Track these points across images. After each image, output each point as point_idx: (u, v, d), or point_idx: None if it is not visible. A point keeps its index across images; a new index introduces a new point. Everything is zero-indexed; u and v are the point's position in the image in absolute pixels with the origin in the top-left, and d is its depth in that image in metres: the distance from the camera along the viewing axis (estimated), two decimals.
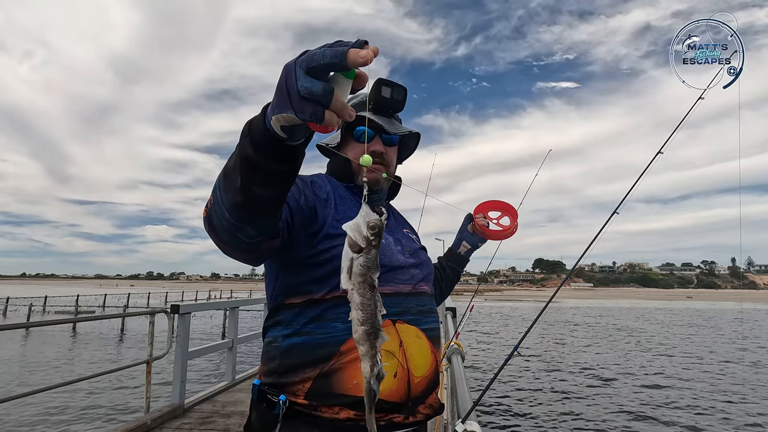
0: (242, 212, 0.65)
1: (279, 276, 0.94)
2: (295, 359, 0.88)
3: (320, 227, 0.92)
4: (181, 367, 3.83)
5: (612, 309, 42.20)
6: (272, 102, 0.54)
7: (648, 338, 19.66)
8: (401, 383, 0.88)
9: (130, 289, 57.96)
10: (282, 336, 0.91)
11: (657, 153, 1.58)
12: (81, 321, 15.41)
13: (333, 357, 0.86)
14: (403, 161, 1.22)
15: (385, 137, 1.07)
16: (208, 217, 0.70)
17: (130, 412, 7.17)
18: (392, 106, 1.08)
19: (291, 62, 0.51)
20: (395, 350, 0.89)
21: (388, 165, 1.08)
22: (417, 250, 1.12)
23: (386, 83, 1.05)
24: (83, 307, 26.94)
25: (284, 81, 0.51)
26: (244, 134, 0.59)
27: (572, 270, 2.09)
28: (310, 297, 0.90)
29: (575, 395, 9.47)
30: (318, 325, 0.88)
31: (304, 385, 0.86)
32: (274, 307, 0.96)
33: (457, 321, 4.10)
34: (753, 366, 13.29)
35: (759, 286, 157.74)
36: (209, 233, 0.72)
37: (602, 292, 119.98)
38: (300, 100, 0.49)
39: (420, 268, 1.06)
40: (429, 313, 1.03)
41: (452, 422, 1.52)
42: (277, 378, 0.89)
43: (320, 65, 0.48)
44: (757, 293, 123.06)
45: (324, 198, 0.97)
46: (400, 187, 1.21)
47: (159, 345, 3.95)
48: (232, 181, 0.62)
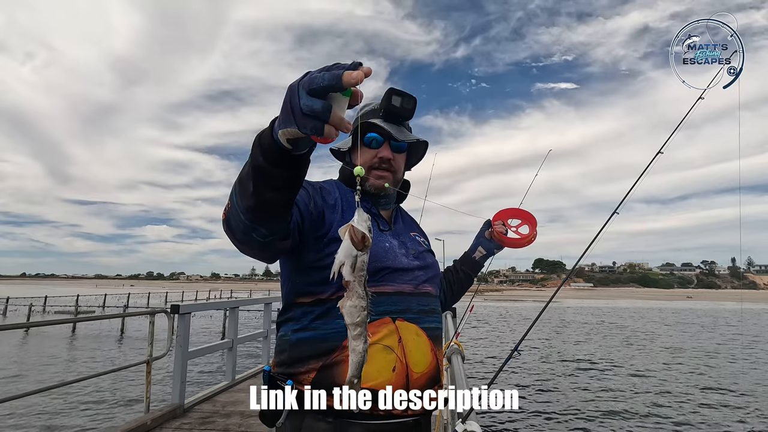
0: (255, 214, 0.73)
1: (290, 277, 1.02)
2: (302, 352, 0.95)
3: (327, 231, 0.98)
4: (181, 367, 3.83)
5: (612, 309, 42.18)
6: (279, 117, 0.63)
7: (648, 338, 19.66)
8: (399, 377, 0.93)
9: (130, 289, 57.98)
10: (292, 331, 0.99)
11: (657, 153, 1.58)
12: (81, 321, 15.42)
13: (336, 351, 0.92)
14: (411, 168, 1.27)
15: (393, 144, 1.12)
16: (226, 219, 0.79)
17: (130, 413, 7.17)
18: (402, 114, 1.13)
19: (294, 83, 0.59)
20: (394, 346, 0.94)
21: (396, 171, 1.14)
22: (422, 252, 1.15)
23: (397, 92, 1.10)
24: (83, 307, 26.96)
25: (288, 100, 0.59)
26: (255, 145, 0.68)
27: (572, 270, 2.09)
28: (318, 297, 0.97)
29: (575, 395, 9.47)
30: (324, 321, 0.95)
31: (309, 376, 0.92)
32: (286, 304, 1.03)
33: (457, 321, 4.10)
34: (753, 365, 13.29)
35: (759, 286, 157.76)
36: (227, 233, 0.81)
37: (602, 292, 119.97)
38: (303, 117, 0.57)
39: (424, 270, 1.10)
40: (431, 313, 1.06)
41: (452, 422, 1.52)
42: (286, 368, 0.97)
43: (320, 87, 0.56)
44: (757, 293, 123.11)
45: (332, 204, 1.03)
46: (408, 191, 1.26)
47: (159, 345, 3.95)
48: (245, 187, 0.71)
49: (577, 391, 9.80)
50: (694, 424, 7.75)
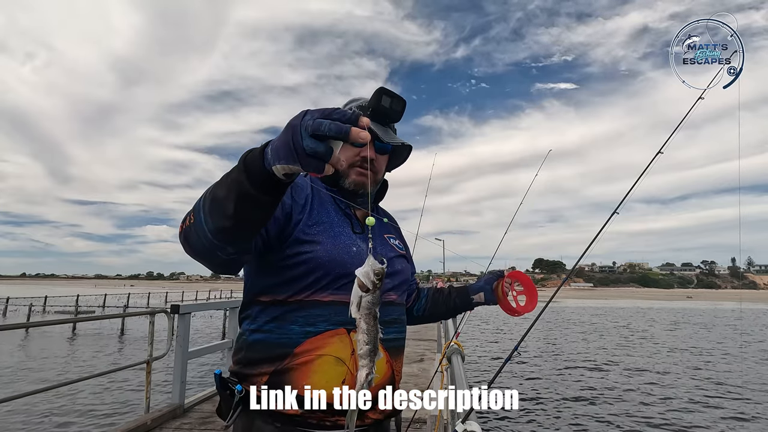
0: (228, 235, 0.73)
1: (251, 275, 1.00)
2: (257, 354, 0.95)
3: (291, 232, 0.96)
4: (181, 367, 3.83)
5: (612, 309, 42.14)
6: (275, 151, 0.63)
7: (647, 338, 19.66)
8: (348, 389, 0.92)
9: (130, 289, 57.96)
10: (249, 330, 0.98)
11: (657, 153, 1.58)
12: (81, 321, 15.43)
13: (287, 357, 0.91)
14: (391, 170, 1.24)
15: (378, 145, 1.08)
16: (184, 233, 0.78)
17: (130, 412, 7.17)
18: (390, 115, 1.10)
19: (296, 123, 0.60)
20: (346, 358, 0.92)
21: (377, 172, 1.12)
22: (392, 258, 1.12)
23: (387, 93, 1.07)
24: (83, 307, 26.91)
25: (290, 138, 0.60)
26: (240, 170, 0.68)
27: (572, 270, 2.09)
28: (275, 297, 0.96)
29: (575, 395, 9.47)
30: (277, 325, 0.94)
31: (262, 379, 0.92)
32: (245, 301, 1.01)
33: (457, 321, 4.10)
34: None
35: (759, 286, 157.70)
36: (184, 246, 0.80)
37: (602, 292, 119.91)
38: (306, 157, 0.59)
39: (391, 278, 1.06)
40: (392, 324, 1.03)
41: (452, 422, 1.52)
42: (241, 368, 0.96)
43: (324, 135, 0.58)
44: (757, 293, 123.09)
45: (301, 203, 1.00)
46: (387, 189, 1.23)
47: (159, 345, 3.95)
48: (223, 209, 0.70)
49: (577, 391, 9.80)
50: (694, 423, 7.74)
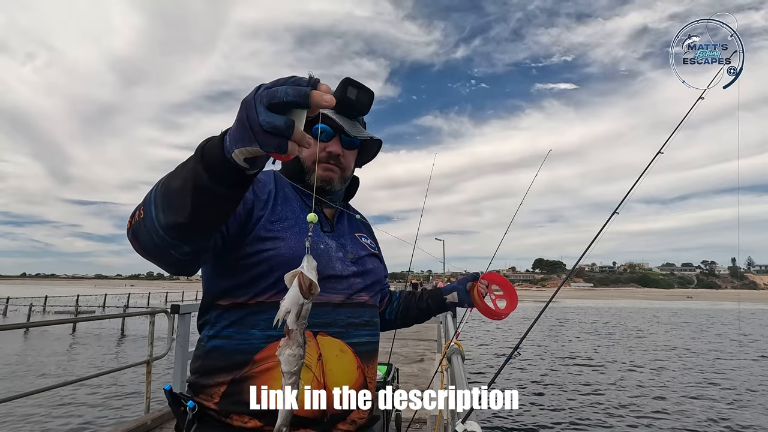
0: (183, 232, 0.65)
1: (209, 277, 0.92)
2: (214, 362, 0.87)
3: (252, 229, 0.89)
4: (181, 367, 3.82)
5: (612, 309, 42.14)
6: (232, 135, 0.55)
7: (647, 338, 19.66)
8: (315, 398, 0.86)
9: (130, 289, 57.95)
10: (207, 337, 0.90)
11: (657, 153, 1.58)
12: (81, 321, 15.42)
13: (247, 365, 0.84)
14: (361, 166, 1.17)
15: (344, 139, 1.01)
16: (133, 229, 0.69)
17: (130, 412, 7.17)
18: (356, 108, 1.03)
19: (250, 97, 0.53)
20: (312, 364, 0.86)
21: (344, 168, 1.04)
22: (363, 257, 1.05)
23: (353, 84, 1.00)
24: (83, 307, 26.91)
25: (245, 116, 0.52)
26: (196, 160, 0.60)
27: (572, 270, 2.09)
28: (234, 300, 0.88)
29: (575, 394, 9.47)
30: (237, 330, 0.87)
31: (219, 389, 0.85)
32: (204, 305, 0.93)
33: (457, 321, 4.10)
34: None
35: (759, 286, 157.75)
36: (133, 244, 0.71)
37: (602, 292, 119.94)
38: (264, 134, 0.51)
39: (362, 277, 1.00)
40: (363, 326, 0.97)
41: (452, 422, 1.52)
42: (197, 378, 0.89)
43: (282, 102, 0.50)
44: (757, 293, 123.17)
45: (264, 198, 0.93)
46: (357, 187, 1.17)
47: (159, 345, 3.95)
48: (178, 204, 0.62)
49: (577, 391, 9.79)
50: (693, 422, 7.75)
